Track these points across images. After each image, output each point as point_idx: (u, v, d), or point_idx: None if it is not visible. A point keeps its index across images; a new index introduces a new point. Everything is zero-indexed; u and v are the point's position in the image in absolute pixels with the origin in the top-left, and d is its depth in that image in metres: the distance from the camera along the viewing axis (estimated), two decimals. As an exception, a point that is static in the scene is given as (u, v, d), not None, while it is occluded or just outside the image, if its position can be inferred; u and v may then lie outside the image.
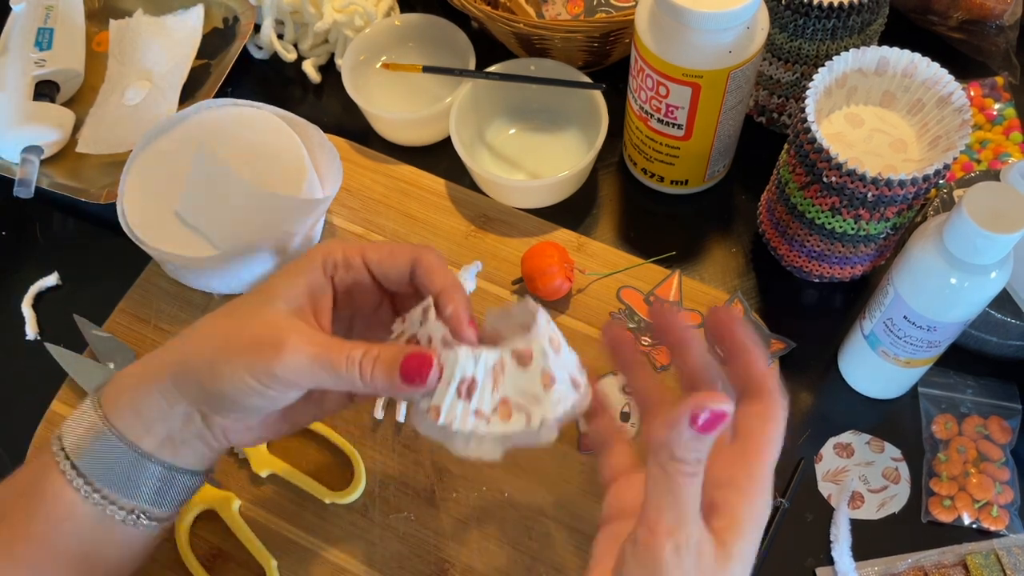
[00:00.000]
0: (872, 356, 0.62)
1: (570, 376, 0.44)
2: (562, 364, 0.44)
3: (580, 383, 0.45)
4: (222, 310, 0.48)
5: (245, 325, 0.45)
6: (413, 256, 0.48)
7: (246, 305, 0.47)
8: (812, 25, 0.64)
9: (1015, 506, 0.61)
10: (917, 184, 0.56)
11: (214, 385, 0.45)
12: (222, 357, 0.45)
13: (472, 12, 0.72)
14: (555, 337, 0.44)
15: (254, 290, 0.48)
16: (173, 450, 0.47)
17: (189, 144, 0.67)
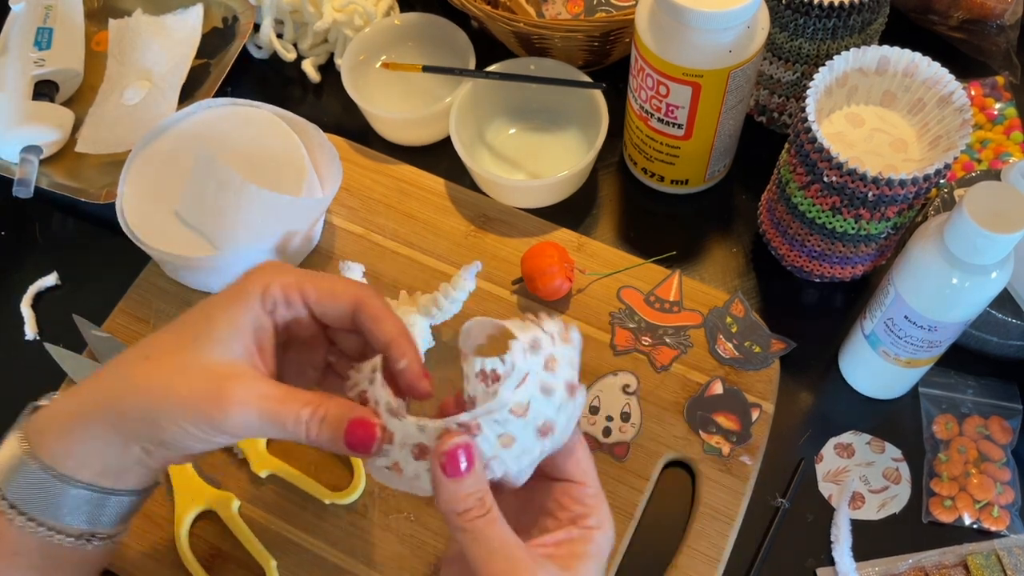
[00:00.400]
0: (873, 356, 0.61)
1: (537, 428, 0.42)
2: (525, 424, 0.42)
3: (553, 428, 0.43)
4: (157, 346, 0.45)
5: (186, 374, 0.43)
6: (356, 299, 0.46)
7: (185, 349, 0.44)
8: (812, 24, 0.64)
9: (1016, 506, 0.61)
10: (918, 184, 0.56)
11: (156, 435, 0.44)
12: (163, 410, 0.43)
13: (472, 12, 0.72)
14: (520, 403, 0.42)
15: (191, 324, 0.45)
16: (113, 479, 0.46)
17: (189, 144, 0.67)
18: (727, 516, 0.60)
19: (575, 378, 0.44)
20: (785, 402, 0.65)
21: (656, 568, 0.59)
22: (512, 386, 0.42)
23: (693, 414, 0.63)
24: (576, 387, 0.44)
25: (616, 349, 0.66)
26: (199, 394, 0.42)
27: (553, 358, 0.43)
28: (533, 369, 0.43)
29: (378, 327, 0.46)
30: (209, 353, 0.43)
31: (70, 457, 0.45)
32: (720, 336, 0.66)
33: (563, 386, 0.43)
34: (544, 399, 0.42)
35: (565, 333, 0.45)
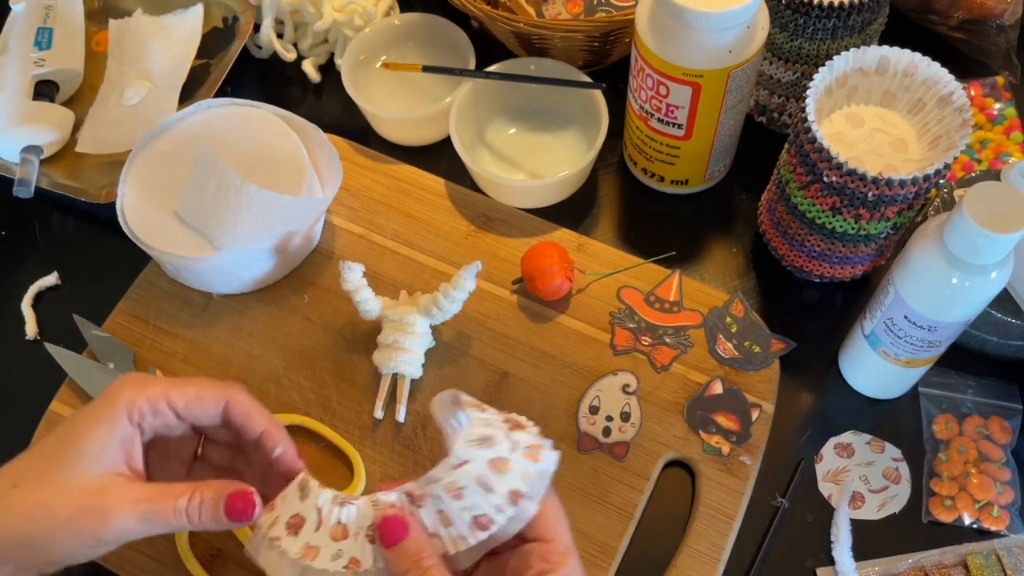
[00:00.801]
0: (872, 356, 0.61)
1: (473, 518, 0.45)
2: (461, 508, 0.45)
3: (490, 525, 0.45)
4: (23, 474, 0.46)
5: (61, 495, 0.45)
6: (223, 398, 0.49)
7: (55, 471, 0.45)
8: (812, 24, 0.64)
9: (1016, 506, 0.61)
10: (917, 184, 0.56)
11: (42, 559, 0.45)
12: (46, 533, 0.44)
13: (472, 12, 0.72)
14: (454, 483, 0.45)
15: (57, 447, 0.46)
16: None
17: (189, 144, 0.67)
18: (727, 516, 0.60)
19: (526, 491, 0.45)
20: (785, 402, 0.65)
21: (656, 568, 0.59)
22: (449, 466, 0.45)
23: (693, 414, 0.63)
24: (522, 496, 0.45)
25: (616, 349, 0.66)
26: (78, 512, 0.44)
27: (504, 461, 0.45)
28: (474, 459, 0.45)
29: (248, 422, 0.49)
30: (81, 471, 0.45)
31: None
32: (720, 336, 0.66)
33: (506, 492, 0.45)
34: (482, 493, 0.45)
35: (535, 451, 0.46)
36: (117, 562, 0.59)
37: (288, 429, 0.63)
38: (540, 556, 0.45)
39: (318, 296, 0.69)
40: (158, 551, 0.60)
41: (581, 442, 0.62)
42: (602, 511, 0.60)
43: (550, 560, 0.45)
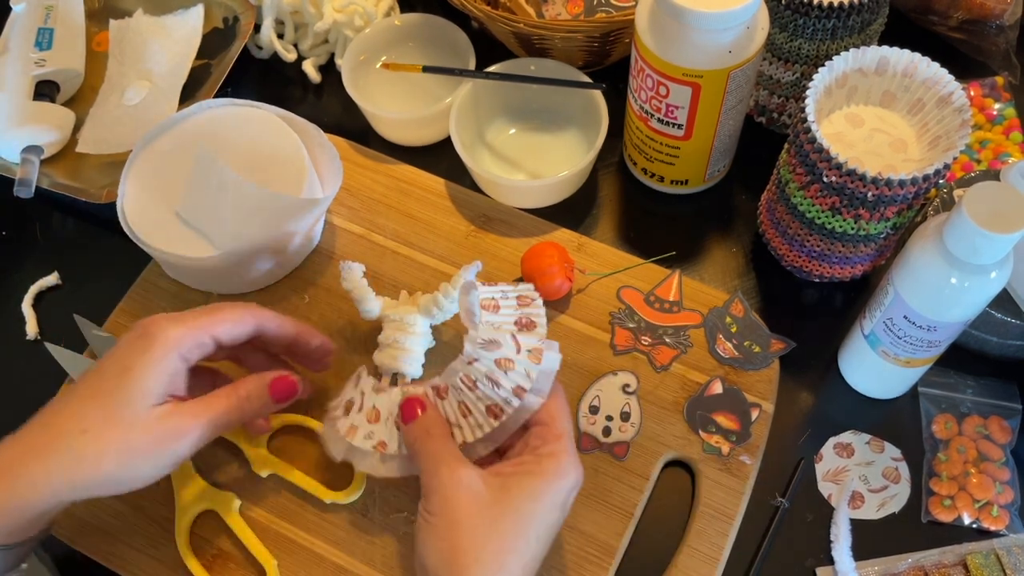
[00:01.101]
0: (872, 356, 0.62)
1: (487, 407, 0.52)
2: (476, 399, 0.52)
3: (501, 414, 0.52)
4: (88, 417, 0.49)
5: (135, 431, 0.49)
6: (255, 316, 0.55)
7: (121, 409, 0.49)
8: (812, 25, 0.64)
9: (1015, 506, 0.61)
10: (917, 184, 0.56)
11: (120, 488, 0.50)
12: (129, 469, 0.49)
13: (472, 12, 0.72)
14: (469, 375, 0.52)
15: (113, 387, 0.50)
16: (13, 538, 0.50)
17: (189, 144, 0.67)
18: (727, 516, 0.60)
19: (528, 387, 0.52)
20: (785, 402, 0.65)
21: (656, 568, 0.59)
22: (463, 361, 0.53)
23: (693, 414, 0.63)
24: (525, 392, 0.52)
25: (616, 349, 0.66)
26: (155, 441, 0.50)
27: (509, 362, 0.52)
28: (482, 358, 0.52)
29: (283, 329, 0.56)
30: (145, 405, 0.50)
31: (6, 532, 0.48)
32: (720, 336, 0.66)
33: (511, 387, 0.52)
34: (490, 387, 0.52)
35: (538, 353, 0.53)
36: (117, 562, 0.59)
37: (288, 429, 0.64)
38: (536, 435, 0.51)
39: (318, 296, 0.69)
40: (158, 551, 0.60)
41: (581, 442, 0.63)
42: (602, 511, 0.60)
43: (544, 438, 0.51)
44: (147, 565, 0.60)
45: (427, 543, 0.48)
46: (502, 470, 0.50)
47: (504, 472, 0.50)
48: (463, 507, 0.48)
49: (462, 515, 0.47)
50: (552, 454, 0.50)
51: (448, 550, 0.47)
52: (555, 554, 0.59)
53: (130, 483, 0.50)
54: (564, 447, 0.50)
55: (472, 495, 0.48)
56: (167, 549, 0.60)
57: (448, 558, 0.47)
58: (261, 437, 0.62)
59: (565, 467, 0.50)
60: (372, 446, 0.55)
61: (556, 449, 0.50)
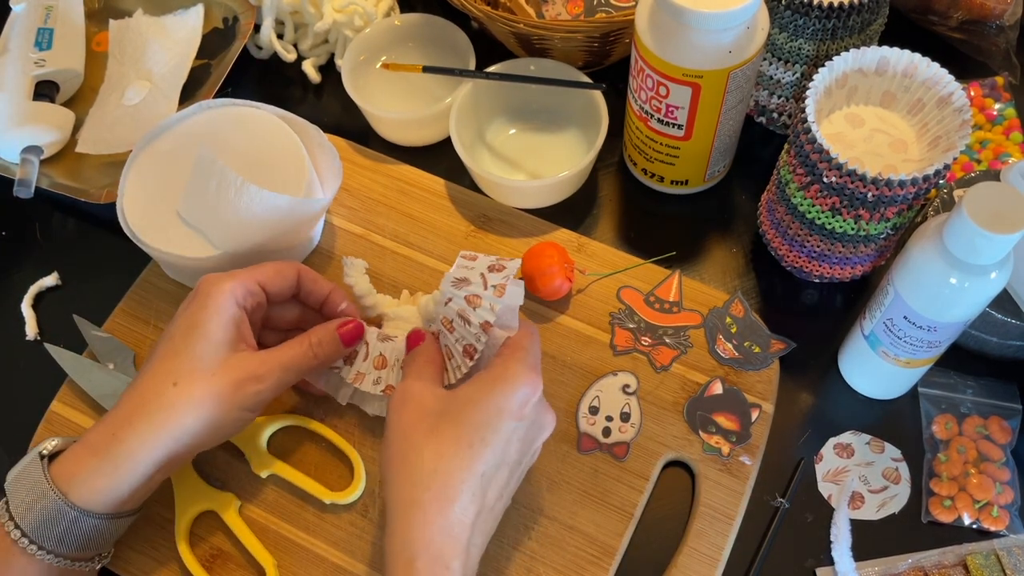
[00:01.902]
0: (872, 356, 0.62)
1: (463, 348, 0.55)
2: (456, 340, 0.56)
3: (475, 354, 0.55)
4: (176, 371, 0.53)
5: (219, 378, 0.53)
6: (296, 270, 0.59)
7: (201, 361, 0.53)
8: (812, 25, 0.64)
9: (1015, 506, 0.61)
10: (917, 184, 0.56)
11: (219, 439, 0.55)
12: (222, 413, 0.53)
13: (472, 12, 0.72)
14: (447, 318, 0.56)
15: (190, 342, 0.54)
16: (129, 505, 0.54)
17: (189, 144, 0.67)
18: (727, 516, 0.60)
19: (492, 320, 0.54)
20: (785, 402, 0.65)
21: (656, 568, 0.59)
22: (440, 301, 0.57)
23: (693, 414, 0.63)
24: (491, 326, 0.54)
25: (616, 349, 0.66)
26: (239, 384, 0.53)
27: (477, 297, 0.55)
28: (455, 297, 0.55)
29: (317, 286, 0.60)
30: (221, 356, 0.54)
31: (114, 499, 0.52)
32: (720, 336, 0.66)
33: (479, 324, 0.54)
34: (463, 325, 0.55)
35: (501, 289, 0.55)
36: (116, 562, 0.59)
37: (288, 429, 0.64)
38: (497, 353, 0.54)
39: (318, 296, 0.69)
40: (158, 551, 0.60)
41: (581, 442, 0.63)
42: (602, 511, 0.60)
43: (502, 353, 0.53)
44: (147, 565, 0.60)
45: (381, 455, 0.51)
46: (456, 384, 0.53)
47: (455, 384, 0.53)
48: (406, 417, 0.50)
49: (405, 423, 0.50)
50: (502, 363, 0.52)
51: (394, 458, 0.49)
52: (555, 554, 0.59)
53: (222, 429, 0.54)
54: (515, 356, 0.52)
55: (416, 405, 0.51)
56: (167, 549, 0.60)
57: (395, 466, 0.49)
58: (261, 438, 0.62)
59: (513, 372, 0.51)
60: (380, 390, 0.59)
61: (506, 358, 0.52)
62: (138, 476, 0.52)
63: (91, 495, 0.51)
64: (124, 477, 0.51)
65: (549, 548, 0.59)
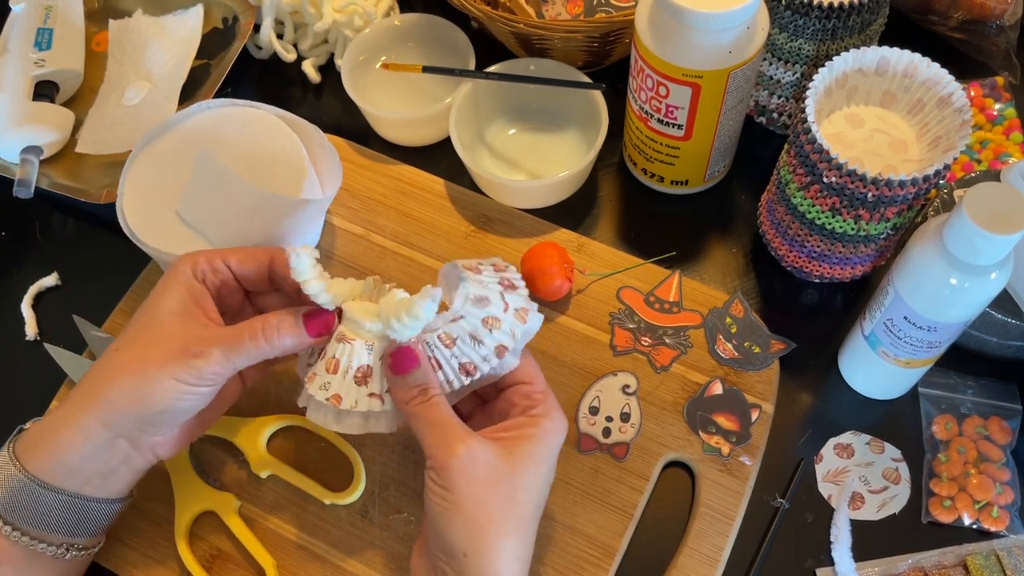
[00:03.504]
0: (872, 356, 0.62)
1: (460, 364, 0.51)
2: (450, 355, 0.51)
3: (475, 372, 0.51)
4: (122, 341, 0.52)
5: (159, 343, 0.50)
6: (269, 254, 0.55)
7: (148, 331, 0.51)
8: (812, 25, 0.64)
9: (1015, 507, 0.61)
10: (917, 184, 0.56)
11: (147, 407, 0.50)
12: (150, 376, 0.49)
13: (472, 12, 0.72)
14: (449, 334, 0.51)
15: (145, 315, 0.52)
16: (100, 484, 0.52)
17: (189, 144, 0.67)
18: (727, 516, 0.60)
19: (511, 346, 0.51)
20: (785, 402, 0.65)
21: (656, 568, 0.59)
22: (446, 319, 0.51)
23: (693, 414, 0.63)
24: (506, 351, 0.51)
25: (616, 349, 0.66)
26: (171, 353, 0.50)
27: (497, 320, 0.51)
28: (469, 316, 0.51)
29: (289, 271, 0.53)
30: (169, 325, 0.51)
31: (61, 465, 0.50)
32: (720, 336, 0.66)
33: (494, 346, 0.51)
34: (471, 345, 0.51)
35: (523, 313, 0.52)
36: (116, 563, 0.59)
37: (288, 429, 0.63)
38: (523, 395, 0.52)
39: (318, 296, 0.69)
40: (158, 552, 0.60)
41: (581, 443, 0.63)
42: (602, 511, 0.60)
43: (532, 398, 0.52)
44: (146, 565, 0.60)
45: (451, 522, 0.48)
46: (503, 435, 0.50)
47: (505, 437, 0.50)
48: (484, 484, 0.48)
49: (484, 493, 0.48)
50: (546, 413, 0.51)
51: (475, 529, 0.48)
52: (555, 554, 0.59)
53: (155, 400, 0.49)
54: (553, 403, 0.52)
55: (490, 470, 0.48)
56: (166, 550, 0.60)
57: (477, 536, 0.48)
58: (261, 438, 0.62)
59: (559, 423, 0.51)
60: (326, 398, 0.51)
61: (548, 407, 0.51)
62: (82, 444, 0.50)
63: (42, 463, 0.50)
64: (67, 443, 0.50)
65: (549, 548, 0.59)
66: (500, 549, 0.48)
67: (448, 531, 0.48)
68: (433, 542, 0.49)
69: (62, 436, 0.50)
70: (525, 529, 0.50)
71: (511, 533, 0.48)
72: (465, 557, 0.47)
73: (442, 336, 0.51)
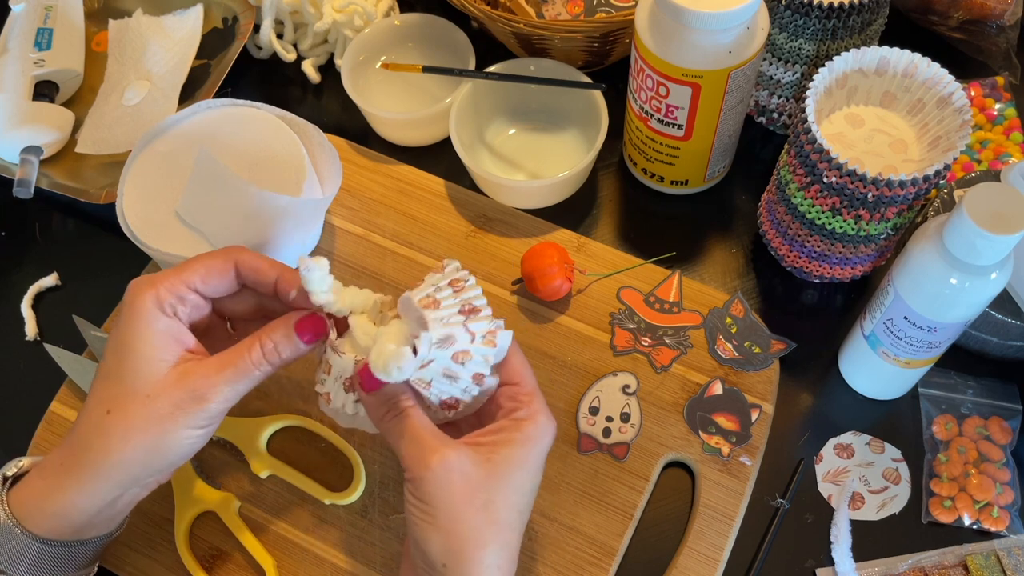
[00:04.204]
0: (872, 357, 0.61)
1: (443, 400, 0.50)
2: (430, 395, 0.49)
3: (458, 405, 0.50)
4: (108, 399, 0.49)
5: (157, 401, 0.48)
6: (230, 260, 0.51)
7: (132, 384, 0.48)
8: (812, 25, 0.64)
9: (1015, 507, 0.61)
10: (917, 184, 0.56)
11: (165, 460, 0.49)
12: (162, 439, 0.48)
13: (472, 12, 0.72)
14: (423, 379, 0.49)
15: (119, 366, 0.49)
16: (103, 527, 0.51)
17: (189, 144, 0.67)
18: (727, 516, 0.60)
19: (486, 371, 0.50)
20: (785, 402, 0.65)
21: (656, 568, 0.59)
22: (415, 366, 0.48)
23: (693, 415, 0.63)
24: (484, 377, 0.50)
25: (616, 349, 0.66)
26: (178, 404, 0.48)
27: (467, 353, 0.49)
28: (439, 358, 0.48)
29: (260, 276, 0.52)
30: (156, 373, 0.48)
31: (70, 527, 0.50)
32: (720, 337, 0.66)
33: (470, 376, 0.49)
34: (447, 383, 0.49)
35: (492, 336, 0.50)
36: (116, 563, 0.59)
37: (288, 429, 0.63)
38: (509, 396, 0.50)
39: (318, 296, 0.69)
40: (157, 552, 0.60)
41: (581, 443, 0.62)
42: (602, 511, 0.60)
43: (518, 399, 0.50)
44: (146, 566, 0.60)
45: (428, 535, 0.47)
46: (482, 440, 0.48)
47: (485, 443, 0.48)
48: (458, 495, 0.47)
49: (459, 503, 0.47)
50: (530, 416, 0.49)
51: (452, 541, 0.47)
52: (555, 554, 0.59)
53: (172, 452, 0.49)
54: (539, 406, 0.50)
55: (464, 479, 0.47)
56: (166, 550, 0.60)
57: (454, 548, 0.46)
58: (261, 438, 0.62)
59: (543, 427, 0.49)
60: (320, 392, 0.52)
61: (533, 410, 0.49)
62: (98, 508, 0.49)
63: (45, 521, 0.49)
64: (78, 510, 0.49)
65: (549, 549, 0.59)
66: (478, 560, 0.46)
67: (426, 544, 0.47)
68: (415, 554, 0.49)
69: (74, 504, 0.49)
70: (506, 537, 0.48)
71: (490, 543, 0.47)
72: (444, 568, 0.47)
73: (415, 381, 0.49)
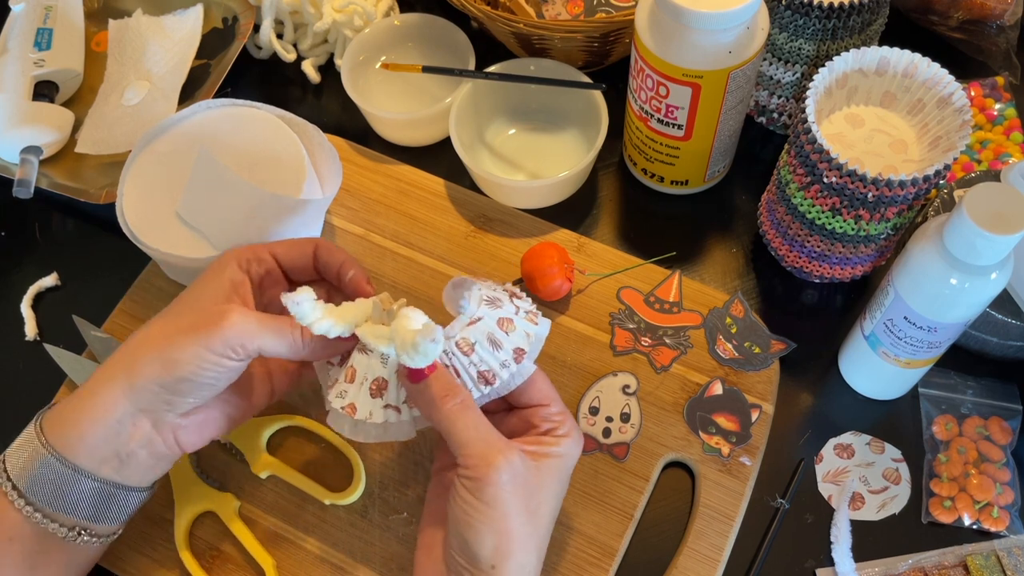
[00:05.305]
0: (872, 357, 0.61)
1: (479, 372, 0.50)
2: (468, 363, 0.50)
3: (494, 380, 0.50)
4: (155, 319, 0.52)
5: (186, 315, 0.51)
6: (313, 242, 0.56)
7: (179, 304, 0.52)
8: (812, 25, 0.64)
9: (1015, 507, 0.61)
10: (917, 185, 0.56)
11: (171, 373, 0.49)
12: (174, 344, 0.49)
13: (472, 12, 0.72)
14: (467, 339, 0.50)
15: (181, 298, 0.53)
16: (118, 466, 0.51)
17: (189, 144, 0.67)
18: (727, 517, 0.60)
19: (527, 348, 0.51)
20: (785, 403, 0.65)
21: (656, 568, 0.59)
22: (462, 323, 0.50)
23: (693, 415, 0.63)
24: (524, 354, 0.50)
25: (616, 350, 0.66)
26: (200, 320, 0.49)
27: (511, 321, 0.50)
28: (486, 317, 0.50)
29: (332, 256, 0.56)
30: (202, 300, 0.52)
31: (81, 440, 0.50)
32: (720, 337, 0.66)
33: (511, 349, 0.50)
34: (490, 350, 0.50)
35: (533, 316, 0.52)
36: (115, 563, 0.59)
37: (288, 429, 0.64)
38: (542, 417, 0.52)
39: (318, 296, 0.69)
40: (157, 552, 0.60)
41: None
42: (602, 511, 0.60)
43: (553, 419, 0.51)
44: (146, 566, 0.60)
45: (482, 536, 0.47)
46: (527, 448, 0.50)
47: (530, 451, 0.50)
48: (516, 498, 0.48)
49: (519, 507, 0.48)
50: (568, 434, 0.51)
51: (505, 542, 0.48)
52: (555, 555, 0.59)
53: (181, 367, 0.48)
54: (573, 424, 0.52)
55: (522, 483, 0.48)
56: (166, 550, 0.60)
57: (505, 550, 0.48)
58: (261, 438, 0.62)
59: (578, 442, 0.52)
60: (342, 407, 0.51)
61: (569, 428, 0.52)
62: (104, 418, 0.49)
63: (64, 437, 0.50)
64: (89, 417, 0.50)
65: (549, 549, 0.59)
66: (521, 564, 0.48)
67: (479, 544, 0.47)
68: (456, 548, 0.49)
69: (85, 409, 0.50)
70: (543, 543, 0.50)
71: (533, 548, 0.49)
72: (493, 569, 0.48)
73: (460, 342, 0.49)
